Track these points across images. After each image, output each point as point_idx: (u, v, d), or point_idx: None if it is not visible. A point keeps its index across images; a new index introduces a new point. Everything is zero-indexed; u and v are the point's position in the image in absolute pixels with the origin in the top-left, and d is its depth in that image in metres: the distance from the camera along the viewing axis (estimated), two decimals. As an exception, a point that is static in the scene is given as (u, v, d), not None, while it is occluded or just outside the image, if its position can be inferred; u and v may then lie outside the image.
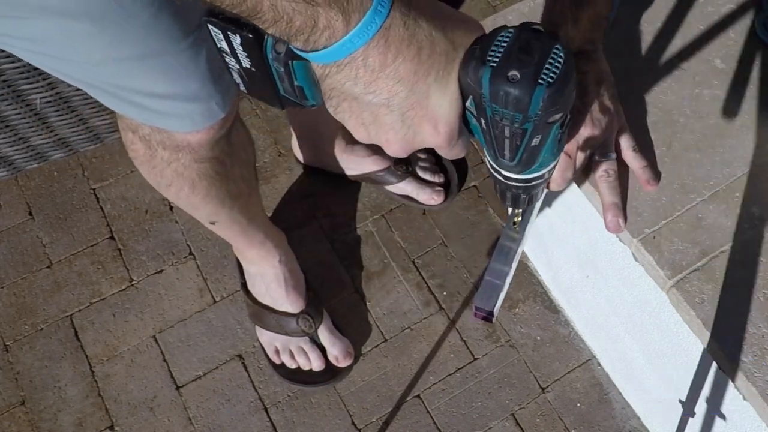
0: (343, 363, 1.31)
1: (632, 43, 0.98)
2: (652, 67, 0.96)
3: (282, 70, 0.49)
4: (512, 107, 0.46)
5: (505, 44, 0.46)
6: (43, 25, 0.66)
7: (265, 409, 1.31)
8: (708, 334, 0.81)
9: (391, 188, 1.44)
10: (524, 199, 0.60)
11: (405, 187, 1.43)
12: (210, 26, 0.50)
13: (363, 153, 1.42)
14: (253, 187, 1.11)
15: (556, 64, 0.46)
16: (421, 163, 1.45)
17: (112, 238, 1.45)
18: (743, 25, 0.98)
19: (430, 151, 1.48)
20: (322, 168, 1.47)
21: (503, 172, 0.55)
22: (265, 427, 1.30)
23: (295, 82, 0.50)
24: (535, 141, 0.49)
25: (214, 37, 0.51)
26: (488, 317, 0.65)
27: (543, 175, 0.56)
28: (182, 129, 0.83)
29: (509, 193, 0.59)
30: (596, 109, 0.80)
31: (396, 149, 0.51)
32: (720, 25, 0.98)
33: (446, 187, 1.45)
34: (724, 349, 0.80)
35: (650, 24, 0.99)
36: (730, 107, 0.92)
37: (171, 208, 1.47)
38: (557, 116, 0.48)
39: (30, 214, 1.48)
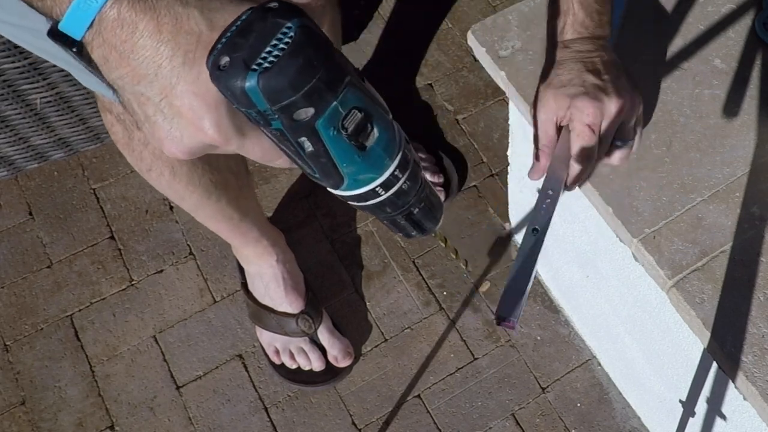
0: (342, 363, 1.31)
1: (632, 43, 0.98)
2: (652, 67, 0.96)
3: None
4: (236, 101, 0.39)
5: (233, 28, 0.39)
6: None
7: (266, 409, 1.31)
8: (708, 334, 0.81)
9: (391, 188, 1.44)
10: (397, 223, 0.49)
11: (405, 187, 1.43)
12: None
13: (363, 153, 1.41)
14: (243, 181, 1.10)
15: (281, 45, 0.37)
16: (421, 163, 1.45)
17: (112, 238, 1.45)
18: (743, 24, 0.97)
19: (430, 151, 1.48)
20: (322, 168, 1.47)
21: (329, 189, 0.45)
22: (265, 427, 1.30)
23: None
24: (309, 147, 0.41)
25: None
26: (512, 325, 0.63)
27: (376, 190, 0.45)
28: None
29: (374, 214, 0.49)
30: (617, 90, 0.78)
31: (171, 149, 0.43)
32: (720, 24, 0.98)
33: (446, 187, 1.45)
34: (724, 348, 0.80)
35: (650, 24, 0.99)
36: (730, 107, 0.92)
37: (171, 208, 1.47)
38: (307, 111, 0.39)
39: (30, 214, 1.48)
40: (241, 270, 1.35)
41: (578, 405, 1.30)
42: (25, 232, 1.46)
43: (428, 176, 1.44)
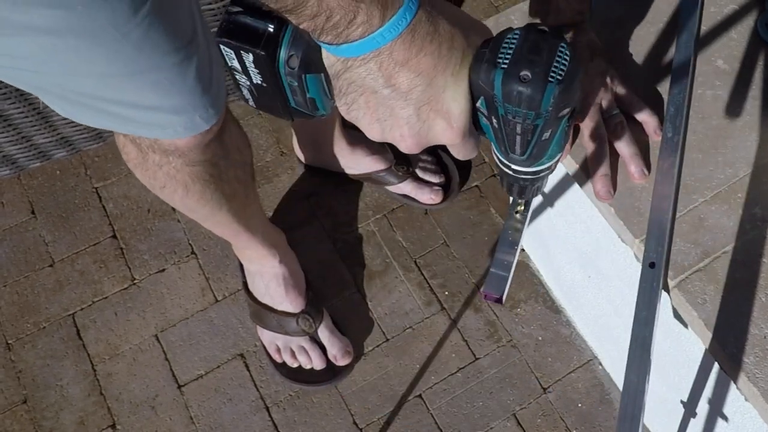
0: (341, 362, 1.31)
1: (633, 44, 0.98)
2: (653, 67, 0.96)
3: (296, 84, 0.51)
4: (525, 106, 0.48)
5: (513, 46, 0.48)
6: (26, 42, 0.64)
7: (267, 409, 1.31)
8: (710, 335, 0.81)
9: (391, 188, 1.44)
10: (531, 190, 0.62)
11: (404, 187, 1.43)
12: (222, 46, 0.51)
13: (364, 153, 1.42)
14: (249, 187, 1.10)
15: (563, 61, 0.48)
16: (421, 164, 1.45)
17: (114, 236, 1.45)
18: (746, 25, 0.98)
19: (432, 152, 1.48)
20: (323, 167, 1.47)
21: (513, 167, 0.58)
22: (266, 426, 1.30)
23: (308, 95, 0.52)
24: (546, 135, 0.51)
25: (226, 57, 0.52)
26: (498, 300, 0.69)
27: (550, 166, 0.58)
28: (165, 137, 0.83)
29: (517, 185, 0.62)
30: (590, 74, 0.86)
31: (410, 144, 0.52)
32: (722, 25, 0.98)
33: (447, 186, 1.45)
34: (726, 349, 0.80)
35: (651, 24, 0.99)
36: (733, 108, 0.92)
37: (173, 207, 1.47)
38: (566, 110, 0.50)
39: (33, 212, 1.48)
40: (242, 269, 1.35)
41: (579, 405, 1.30)
42: (28, 231, 1.46)
43: (428, 176, 1.45)
